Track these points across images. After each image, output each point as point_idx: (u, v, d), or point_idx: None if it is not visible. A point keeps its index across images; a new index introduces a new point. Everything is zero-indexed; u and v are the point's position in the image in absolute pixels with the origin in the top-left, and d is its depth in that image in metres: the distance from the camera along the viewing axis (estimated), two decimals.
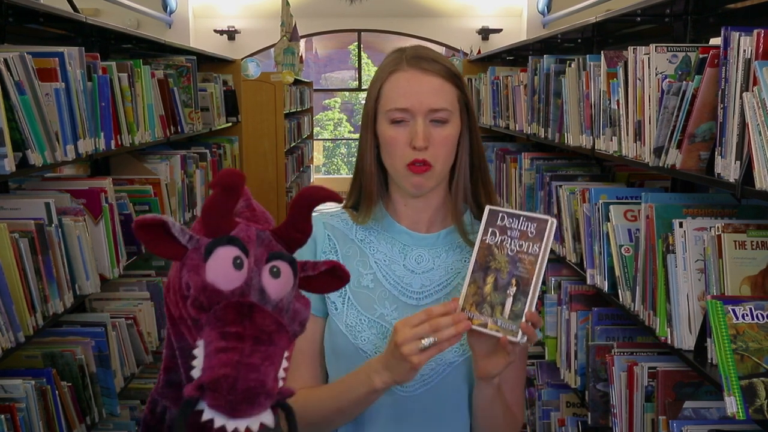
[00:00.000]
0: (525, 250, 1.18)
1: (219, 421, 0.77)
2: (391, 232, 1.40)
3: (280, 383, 0.81)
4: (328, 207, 1.47)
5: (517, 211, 1.21)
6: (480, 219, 1.32)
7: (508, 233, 1.20)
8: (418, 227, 1.41)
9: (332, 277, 0.93)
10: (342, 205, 1.44)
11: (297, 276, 0.88)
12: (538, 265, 1.16)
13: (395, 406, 1.34)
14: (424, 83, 1.31)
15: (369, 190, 1.38)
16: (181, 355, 0.89)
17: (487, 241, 1.22)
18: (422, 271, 1.38)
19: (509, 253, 1.19)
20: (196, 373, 0.80)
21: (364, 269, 1.38)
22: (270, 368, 0.79)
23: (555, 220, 1.18)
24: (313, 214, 0.89)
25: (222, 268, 0.82)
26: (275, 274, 0.84)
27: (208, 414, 0.77)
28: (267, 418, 0.78)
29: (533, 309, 1.16)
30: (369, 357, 1.33)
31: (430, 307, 1.20)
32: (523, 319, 1.15)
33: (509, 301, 1.17)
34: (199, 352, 0.80)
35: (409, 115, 1.31)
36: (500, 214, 1.22)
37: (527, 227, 1.18)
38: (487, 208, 1.24)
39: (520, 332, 1.15)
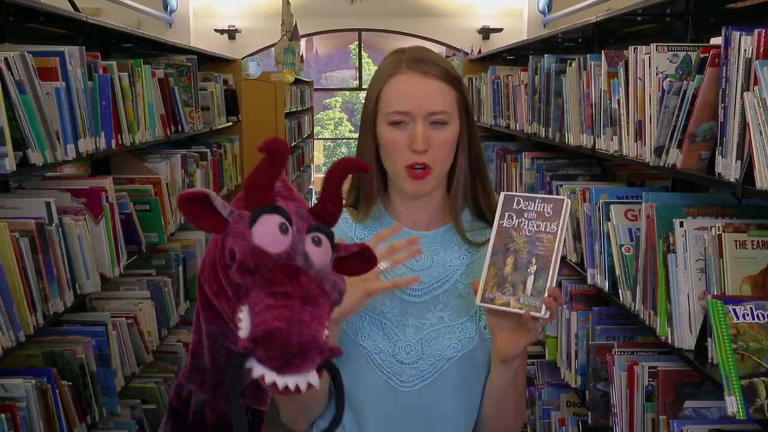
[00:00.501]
0: (543, 229, 1.21)
1: (269, 377, 0.76)
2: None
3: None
4: None
5: (532, 195, 1.24)
6: (478, 216, 1.41)
7: (525, 215, 1.23)
8: (416, 226, 1.42)
9: (361, 260, 0.95)
10: (343, 203, 1.44)
11: (334, 250, 0.90)
12: (557, 243, 1.20)
13: (395, 402, 1.36)
14: (424, 86, 1.32)
15: (368, 191, 1.40)
16: (209, 339, 0.90)
17: (504, 225, 1.25)
18: (421, 269, 1.39)
19: (527, 234, 1.22)
20: (243, 334, 0.80)
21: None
22: (319, 326, 0.80)
23: (570, 200, 1.22)
24: None
25: (269, 232, 0.83)
26: (317, 242, 0.86)
27: (258, 370, 0.77)
28: (314, 378, 0.79)
29: (554, 284, 1.19)
30: (370, 354, 1.35)
31: (379, 232, 1.29)
32: (546, 294, 1.18)
33: (530, 278, 1.20)
34: (244, 315, 0.81)
35: (409, 118, 1.32)
36: (516, 199, 1.25)
37: (543, 208, 1.22)
38: (502, 194, 1.27)
39: (543, 307, 1.18)
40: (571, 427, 2.82)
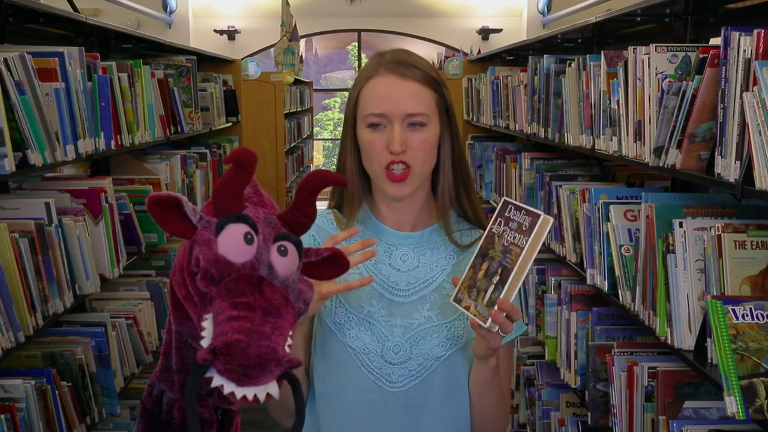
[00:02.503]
0: (516, 242, 1.21)
1: (228, 387, 0.78)
2: (376, 232, 1.42)
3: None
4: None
5: (524, 205, 1.24)
6: (463, 217, 1.44)
7: (510, 225, 1.24)
8: (402, 227, 1.43)
9: (333, 264, 0.96)
10: (327, 206, 1.47)
11: (302, 258, 0.90)
12: (521, 258, 1.19)
13: (384, 403, 1.36)
14: (401, 88, 1.33)
15: (351, 194, 1.41)
16: (178, 339, 0.90)
17: (493, 230, 1.26)
18: (407, 269, 1.40)
19: (505, 243, 1.23)
20: (205, 343, 0.81)
21: (351, 269, 1.40)
22: (279, 338, 0.81)
23: (549, 218, 1.20)
24: None
25: (233, 242, 0.83)
26: (283, 252, 0.87)
27: (218, 380, 0.78)
28: (273, 388, 0.80)
29: (510, 299, 1.20)
30: (358, 354, 1.36)
31: (333, 235, 1.30)
32: (495, 307, 1.20)
33: (491, 288, 1.22)
34: (207, 324, 0.81)
35: (386, 120, 1.33)
36: (509, 206, 1.25)
37: (524, 220, 1.22)
38: (503, 199, 1.28)
39: (489, 319, 1.20)
40: (571, 427, 2.82)
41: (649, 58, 1.91)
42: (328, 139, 14.99)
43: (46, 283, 2.18)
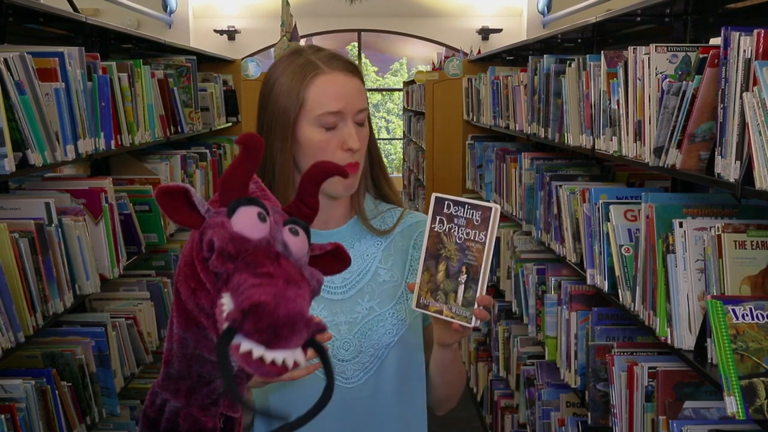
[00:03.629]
0: (472, 238, 1.20)
1: (257, 351, 0.75)
2: None
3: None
4: None
5: (462, 199, 1.23)
6: (381, 198, 1.44)
7: (455, 221, 1.22)
8: (328, 225, 1.42)
9: (335, 259, 0.95)
10: None
11: (310, 244, 0.90)
12: (485, 253, 1.19)
13: (342, 400, 1.34)
14: (350, 85, 1.32)
15: (286, 198, 1.32)
16: (182, 346, 0.89)
17: (435, 229, 1.24)
18: None
19: (457, 241, 1.22)
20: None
21: None
22: (304, 303, 0.80)
23: (498, 207, 1.20)
24: None
25: (248, 220, 0.83)
26: (295, 232, 0.87)
27: (246, 345, 0.75)
28: (299, 355, 0.78)
29: (484, 293, 1.20)
30: (310, 360, 1.32)
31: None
32: (476, 306, 1.20)
33: (461, 288, 1.21)
34: (226, 300, 0.80)
35: (339, 118, 1.31)
36: (446, 202, 1.24)
37: (473, 215, 1.21)
38: (434, 196, 1.25)
39: (473, 318, 1.21)
40: (571, 427, 2.82)
41: (649, 58, 1.91)
42: None
43: (46, 283, 2.18)
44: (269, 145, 1.33)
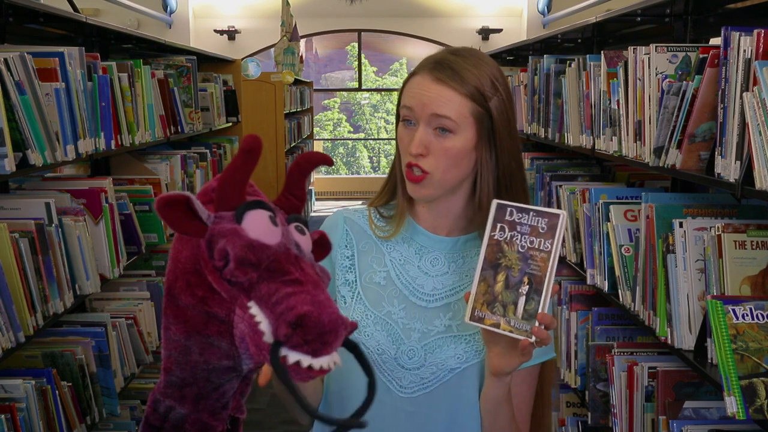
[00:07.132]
0: (537, 246, 1.13)
1: (305, 361, 0.77)
2: (410, 232, 1.38)
3: None
4: (354, 204, 1.49)
5: (527, 206, 1.16)
6: None
7: (518, 229, 1.15)
8: (437, 230, 1.38)
9: (320, 246, 0.95)
10: (368, 203, 1.43)
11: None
12: (551, 262, 1.11)
13: (392, 407, 1.33)
14: (432, 89, 1.28)
15: (398, 189, 1.37)
16: (185, 353, 0.88)
17: (495, 237, 1.16)
18: (436, 274, 1.36)
19: (520, 249, 1.14)
20: (264, 327, 0.80)
21: (378, 266, 1.37)
22: (335, 305, 0.81)
23: (565, 213, 1.14)
24: (338, 209, 0.91)
25: (262, 226, 0.83)
26: (301, 231, 0.87)
27: (294, 356, 0.77)
28: (337, 356, 0.80)
29: (547, 307, 1.12)
30: (371, 353, 1.32)
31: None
32: (536, 323, 1.11)
33: (522, 300, 1.12)
34: (255, 310, 0.80)
35: (415, 117, 1.29)
36: (509, 209, 1.16)
37: (538, 222, 1.13)
38: (494, 202, 1.19)
39: (532, 336, 1.12)
40: (571, 427, 2.82)
41: (649, 58, 1.91)
42: (327, 140, 14.99)
43: (46, 283, 2.18)
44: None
